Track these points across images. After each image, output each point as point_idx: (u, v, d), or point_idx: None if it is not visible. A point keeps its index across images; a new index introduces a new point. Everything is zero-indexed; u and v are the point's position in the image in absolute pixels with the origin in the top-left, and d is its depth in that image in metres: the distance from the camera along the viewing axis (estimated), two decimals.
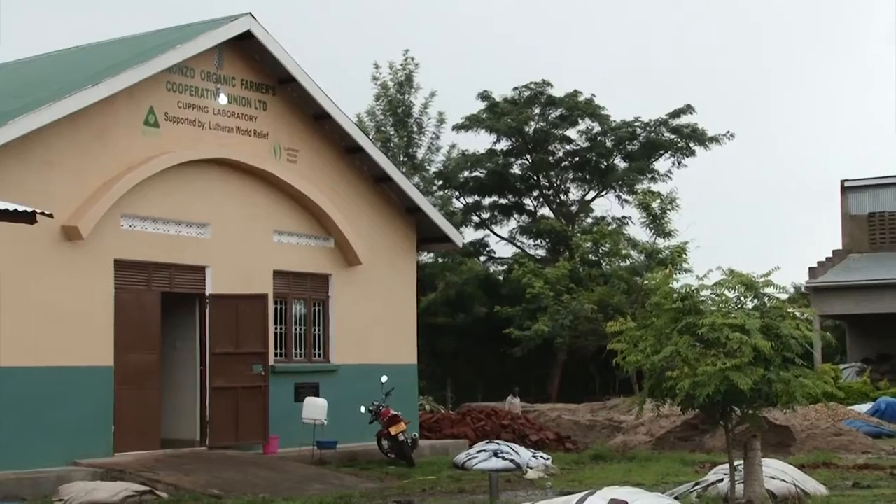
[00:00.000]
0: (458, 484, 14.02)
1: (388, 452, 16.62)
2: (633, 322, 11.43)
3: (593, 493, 9.47)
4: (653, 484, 13.09)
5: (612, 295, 30.98)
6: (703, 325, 10.56)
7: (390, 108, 37.83)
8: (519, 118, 39.93)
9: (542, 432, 20.27)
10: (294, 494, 12.68)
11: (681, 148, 40.69)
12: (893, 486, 12.99)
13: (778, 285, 11.10)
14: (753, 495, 10.55)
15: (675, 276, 12.20)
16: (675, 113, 40.32)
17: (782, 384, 10.45)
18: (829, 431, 19.18)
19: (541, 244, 41.93)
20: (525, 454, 16.32)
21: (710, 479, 11.74)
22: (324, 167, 17.94)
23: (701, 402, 10.48)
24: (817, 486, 11.77)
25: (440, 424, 20.38)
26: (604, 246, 34.54)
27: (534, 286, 32.57)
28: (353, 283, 18.25)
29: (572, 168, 42.25)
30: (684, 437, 19.20)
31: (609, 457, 17.63)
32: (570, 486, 12.99)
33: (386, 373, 17.18)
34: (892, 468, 15.02)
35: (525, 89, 40.88)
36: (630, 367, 11.22)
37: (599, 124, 41.05)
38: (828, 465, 15.61)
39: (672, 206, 32.59)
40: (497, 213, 43.16)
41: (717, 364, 10.26)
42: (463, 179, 41.41)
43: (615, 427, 21.93)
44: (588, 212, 42.51)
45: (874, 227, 41.61)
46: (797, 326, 10.75)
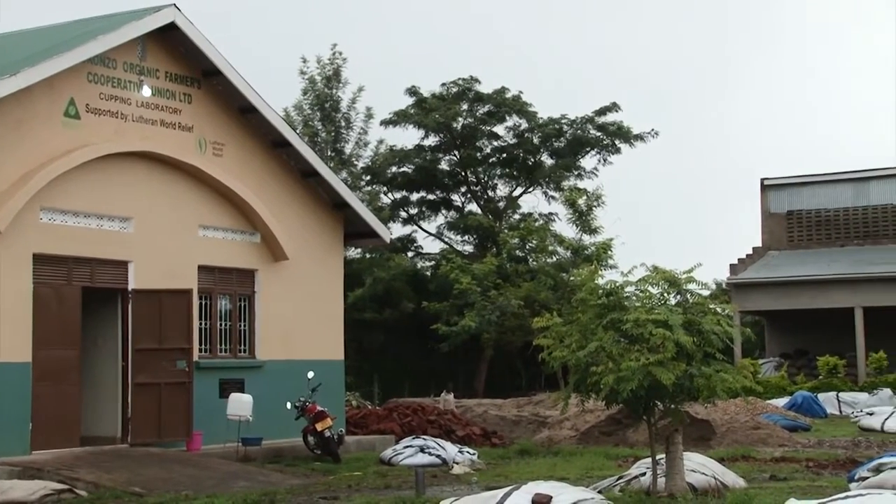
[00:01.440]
0: (384, 480, 14.00)
1: (315, 449, 16.53)
2: (559, 318, 11.53)
3: (518, 488, 9.55)
4: (577, 478, 13.22)
5: (538, 291, 31.23)
6: (627, 320, 10.70)
7: (318, 102, 37.58)
8: (447, 114, 40.00)
9: (469, 428, 20.34)
10: (218, 492, 12.53)
11: (606, 145, 41.19)
12: (808, 478, 13.31)
13: (700, 282, 11.29)
14: (675, 488, 10.73)
15: (600, 273, 12.35)
16: (601, 111, 40.78)
17: (703, 379, 10.63)
18: (747, 425, 19.57)
19: (468, 240, 42.08)
20: (451, 449, 16.36)
21: (632, 472, 11.89)
22: (250, 161, 17.76)
23: (625, 397, 10.61)
24: (736, 479, 12.01)
25: (367, 420, 20.33)
26: (531, 242, 34.81)
27: (461, 282, 32.67)
28: (279, 278, 18.11)
29: (500, 164, 42.47)
30: (608, 432, 19.44)
31: (534, 451, 17.76)
32: (495, 481, 13.06)
33: (312, 368, 17.08)
34: (808, 461, 15.39)
35: (453, 85, 40.96)
36: (556, 362, 11.31)
37: (527, 121, 41.33)
38: (746, 458, 15.93)
39: (598, 202, 32.99)
40: (425, 208, 43.19)
41: (640, 359, 10.40)
42: (391, 175, 41.34)
43: (541, 422, 22.12)
44: (515, 208, 42.79)
45: (792, 224, 42.60)
46: (718, 322, 10.94)
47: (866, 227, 41.32)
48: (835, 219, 41.91)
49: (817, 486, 12.10)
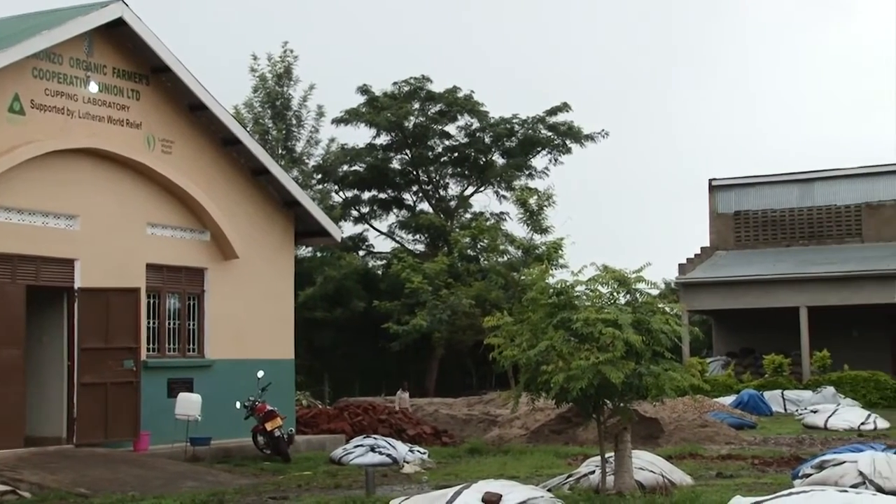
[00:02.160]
0: (334, 479, 13.95)
1: (264, 448, 16.43)
2: (510, 317, 11.56)
3: (468, 487, 9.56)
4: (527, 477, 13.28)
5: (489, 290, 31.33)
6: (577, 319, 10.75)
7: (268, 100, 37.35)
8: (398, 113, 39.98)
9: (420, 427, 20.35)
10: (165, 492, 12.40)
11: (557, 145, 41.44)
12: (754, 475, 13.50)
13: (649, 281, 11.37)
14: (623, 486, 10.81)
15: (550, 272, 12.41)
16: (552, 111, 41.02)
17: (652, 377, 10.72)
18: (695, 423, 19.80)
19: (420, 239, 42.10)
20: (402, 449, 16.35)
21: (582, 471, 11.96)
22: (200, 159, 17.59)
23: (574, 396, 10.67)
24: (683, 477, 12.13)
25: (317, 419, 20.25)
26: (482, 241, 34.91)
27: (412, 281, 32.66)
28: (229, 277, 17.96)
29: (451, 163, 42.54)
30: (558, 430, 19.54)
31: (485, 450, 17.81)
32: (445, 480, 13.07)
33: (262, 368, 16.98)
34: (753, 458, 15.60)
35: (405, 84, 40.95)
36: (506, 361, 11.34)
37: (478, 120, 41.44)
38: (694, 455, 16.11)
39: (548, 202, 33.19)
40: (376, 207, 43.14)
41: (590, 358, 10.46)
42: (342, 173, 41.22)
43: (491, 421, 22.20)
44: (467, 207, 42.88)
45: (740, 224, 43.17)
46: (667, 321, 11.04)
47: (811, 228, 41.99)
48: (781, 219, 42.54)
49: (762, 483, 12.27)
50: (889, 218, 40.62)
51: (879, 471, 10.69)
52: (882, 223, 40.66)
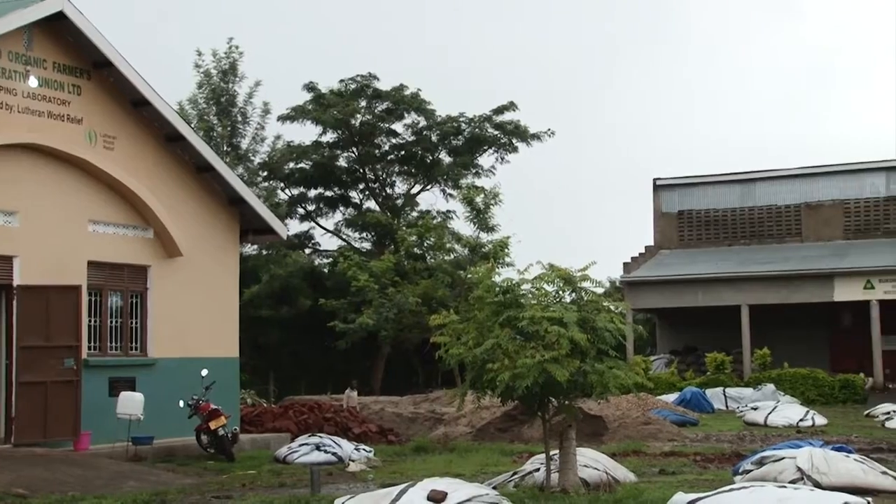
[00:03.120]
0: (278, 478, 13.87)
1: (208, 447, 16.28)
2: (457, 315, 11.57)
3: (414, 485, 9.56)
4: (472, 474, 13.31)
5: (436, 288, 31.35)
6: (523, 318, 10.79)
7: (213, 96, 36.99)
8: (345, 110, 39.83)
9: (365, 425, 20.31)
10: (106, 492, 12.23)
11: (504, 144, 41.58)
12: (696, 472, 13.67)
13: (594, 279, 11.44)
14: (568, 483, 10.88)
15: (497, 270, 12.45)
16: (499, 109, 41.14)
17: (597, 375, 10.79)
18: (639, 421, 19.99)
19: (366, 237, 42.00)
20: (347, 447, 16.31)
21: (527, 468, 12.02)
22: (143, 155, 17.37)
23: (520, 394, 10.71)
24: (627, 474, 12.24)
25: (262, 418, 20.11)
26: (428, 239, 34.92)
27: (359, 279, 32.57)
28: (173, 274, 17.76)
29: (398, 161, 42.49)
30: (504, 428, 19.62)
31: (431, 448, 17.82)
32: (391, 479, 13.06)
33: (206, 366, 16.82)
34: (695, 455, 15.79)
35: (351, 82, 40.82)
36: (453, 359, 11.35)
37: (425, 119, 41.44)
38: (637, 452, 16.26)
39: (495, 200, 33.28)
40: (323, 205, 42.95)
41: (535, 356, 10.50)
42: (288, 171, 40.98)
43: (437, 419, 22.22)
44: (413, 205, 42.87)
45: (683, 224, 43.70)
46: (611, 320, 11.12)
47: (752, 227, 42.63)
48: (723, 219, 43.13)
49: (704, 479, 12.43)
50: (828, 218, 41.38)
51: (817, 466, 10.88)
52: (821, 223, 41.41)
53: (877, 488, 10.69)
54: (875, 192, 40.92)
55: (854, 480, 10.71)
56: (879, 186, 40.91)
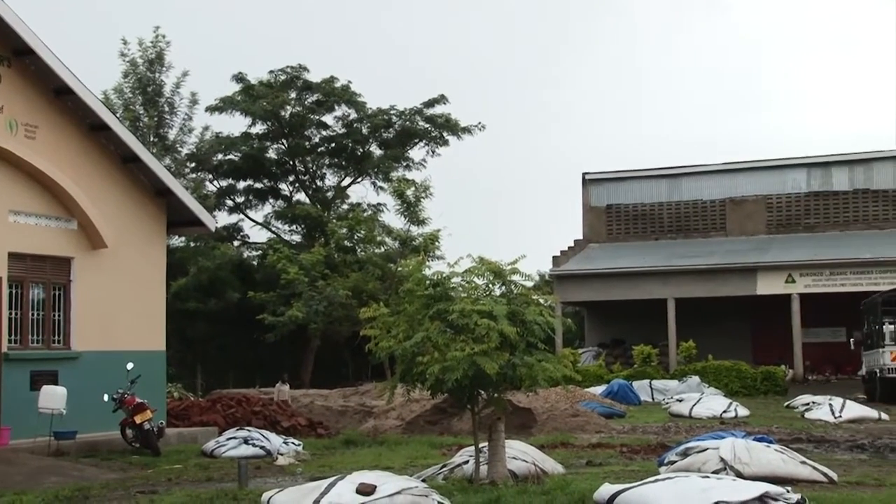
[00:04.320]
0: (205, 472, 13.72)
1: (133, 442, 16.03)
2: (387, 308, 11.55)
3: (343, 478, 9.53)
4: (401, 467, 13.32)
5: (366, 281, 31.30)
6: (453, 311, 10.82)
7: (140, 86, 36.35)
8: (275, 102, 39.53)
9: (294, 418, 20.18)
10: (27, 488, 11.97)
11: (434, 137, 41.64)
12: (622, 463, 13.85)
13: (524, 273, 11.51)
14: (496, 475, 10.94)
15: (427, 264, 12.45)
16: (430, 102, 41.18)
17: (526, 368, 10.86)
18: (567, 413, 20.19)
19: (296, 230, 41.76)
20: (276, 441, 16.20)
21: (456, 461, 12.06)
22: (66, 145, 17.00)
23: (450, 387, 10.73)
24: (555, 465, 12.35)
25: (189, 412, 19.87)
26: (359, 232, 34.84)
27: (288, 272, 32.37)
28: (97, 266, 17.43)
29: (328, 154, 42.30)
30: (433, 421, 19.66)
31: (360, 441, 17.79)
32: (320, 472, 13.01)
33: (132, 359, 16.54)
34: (622, 446, 16.01)
35: (281, 73, 40.51)
36: (382, 352, 11.33)
37: (356, 111, 41.31)
38: (565, 444, 16.42)
39: (426, 194, 33.34)
40: (252, 197, 42.59)
41: (465, 349, 10.53)
42: (217, 162, 40.53)
43: (367, 412, 22.18)
44: (344, 198, 42.72)
45: (611, 218, 44.23)
46: (541, 313, 11.20)
47: (679, 222, 43.32)
48: (650, 213, 43.75)
49: (630, 470, 12.60)
50: (751, 212, 42.23)
51: (739, 457, 11.10)
52: (744, 217, 42.25)
53: (796, 477, 10.95)
54: (796, 187, 41.87)
55: (774, 470, 10.95)
56: (801, 182, 41.86)
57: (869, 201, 40.82)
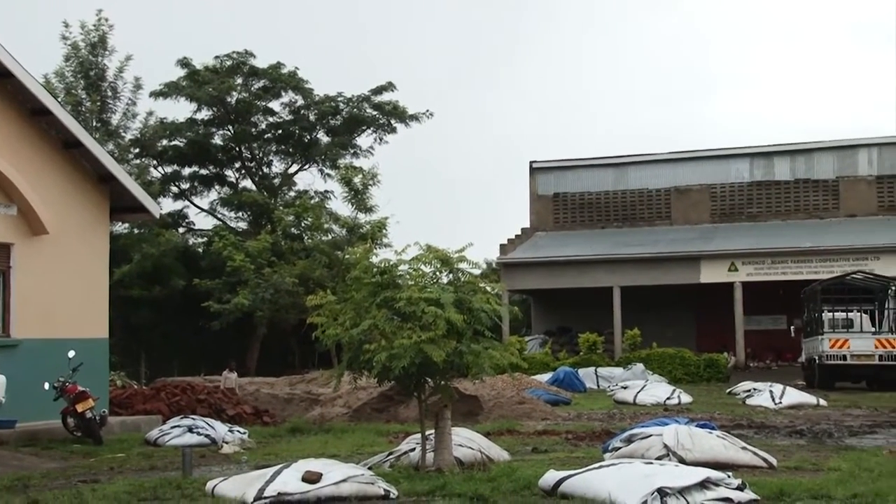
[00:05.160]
0: (149, 461, 13.58)
1: (75, 430, 15.82)
2: (334, 296, 11.51)
3: (288, 466, 9.51)
4: (348, 455, 13.30)
5: (313, 269, 31.18)
6: (400, 298, 10.81)
7: (82, 70, 35.73)
8: (221, 88, 39.14)
9: (240, 406, 20.05)
10: None
11: (382, 124, 41.54)
12: (567, 450, 13.96)
13: (471, 261, 11.53)
14: (443, 463, 10.98)
15: (374, 251, 12.42)
16: (377, 90, 41.05)
17: (473, 356, 10.90)
18: (513, 400, 20.29)
19: (242, 217, 41.46)
20: (221, 429, 16.08)
21: (402, 448, 12.07)
22: (5, 129, 16.66)
23: (397, 374, 10.74)
24: (501, 453, 12.42)
25: (132, 400, 19.64)
26: (306, 220, 34.68)
27: (234, 259, 32.13)
28: (38, 252, 17.13)
29: (275, 141, 42.01)
30: (380, 409, 19.65)
31: (306, 429, 17.73)
32: (265, 460, 12.94)
33: (74, 347, 16.30)
34: (567, 433, 16.13)
35: (227, 58, 40.12)
36: (329, 340, 11.30)
37: (303, 98, 41.07)
38: (511, 432, 16.51)
39: (373, 181, 33.26)
40: (197, 183, 42.17)
41: (412, 337, 10.54)
42: (161, 148, 40.05)
43: (313, 400, 22.10)
44: (291, 185, 42.48)
45: (558, 206, 44.49)
46: (488, 301, 11.24)
47: (625, 210, 43.70)
48: (597, 202, 44.07)
49: (575, 457, 12.70)
50: (696, 202, 42.74)
51: (682, 443, 11.25)
52: (689, 207, 42.75)
53: (737, 463, 11.12)
54: (739, 177, 42.44)
55: (716, 456, 11.12)
56: (744, 172, 42.45)
57: (809, 191, 41.50)
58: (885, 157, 40.70)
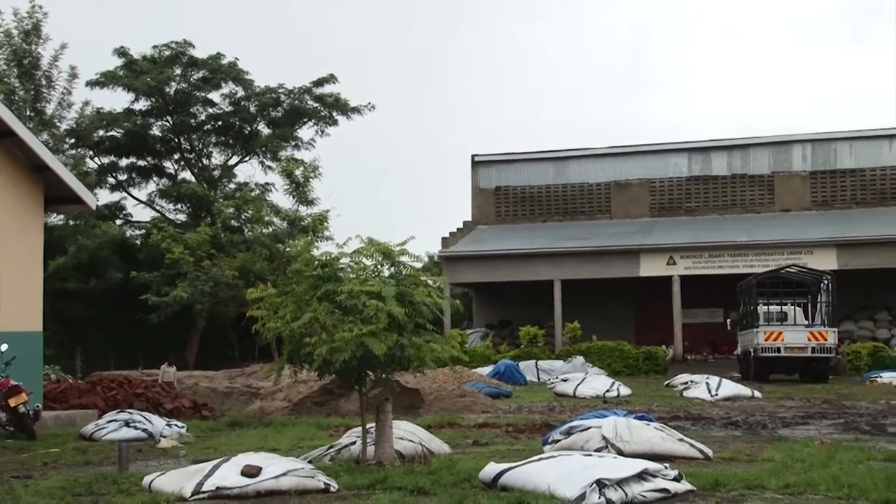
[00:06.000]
0: (84, 456, 13.36)
1: (7, 426, 15.51)
2: (274, 289, 11.42)
3: (227, 460, 9.42)
4: (288, 449, 13.22)
5: (253, 261, 30.95)
6: (341, 292, 10.76)
7: (15, 58, 34.98)
8: (159, 78, 38.63)
9: (178, 400, 19.83)
10: None
11: (324, 117, 41.35)
12: (508, 442, 14.03)
13: (413, 254, 11.50)
14: (383, 456, 10.96)
15: (316, 244, 12.35)
16: (319, 82, 40.84)
17: (414, 349, 10.89)
18: (454, 393, 20.33)
19: (181, 209, 41.00)
20: (159, 423, 15.89)
21: (343, 442, 12.03)
22: None
23: (337, 368, 10.69)
24: (441, 446, 12.44)
25: (67, 395, 19.31)
26: (246, 212, 34.42)
27: (173, 251, 31.76)
28: None
29: (215, 132, 41.61)
30: (321, 402, 19.57)
31: (246, 423, 17.59)
32: (204, 454, 12.81)
33: (6, 341, 15.98)
34: (508, 426, 16.21)
35: (165, 48, 39.63)
36: (270, 333, 11.20)
37: (243, 89, 40.73)
38: (452, 425, 16.55)
39: (315, 174, 33.09)
40: (135, 175, 41.64)
41: (353, 330, 10.50)
42: (98, 139, 39.46)
43: (253, 393, 21.93)
44: (231, 177, 42.11)
45: (500, 200, 44.66)
46: (429, 294, 11.23)
47: (566, 204, 44.01)
48: (538, 195, 44.31)
49: (515, 449, 12.77)
50: (635, 196, 43.19)
51: (620, 435, 11.36)
52: (629, 201, 43.19)
53: (674, 454, 11.26)
54: (678, 172, 42.97)
55: (654, 447, 11.25)
56: (682, 167, 42.98)
57: (746, 186, 42.15)
58: (818, 153, 41.49)
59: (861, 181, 40.82)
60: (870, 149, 40.96)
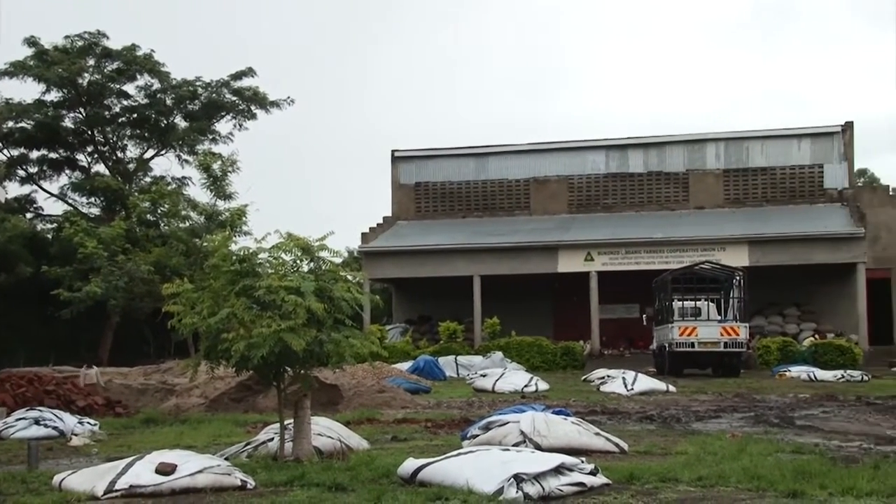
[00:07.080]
0: None
1: None
2: (191, 284, 11.28)
3: (141, 458, 9.29)
4: (204, 446, 13.06)
5: (170, 256, 30.44)
6: (259, 287, 10.67)
7: None
8: (71, 69, 37.80)
9: (91, 398, 19.43)
10: None
11: (242, 110, 40.92)
12: (427, 438, 14.07)
13: (332, 249, 11.45)
14: (301, 452, 10.91)
15: (233, 239, 12.21)
16: (237, 75, 40.40)
17: (333, 345, 10.86)
18: (373, 389, 20.31)
19: (95, 202, 40.21)
20: (70, 420, 15.57)
21: (261, 438, 11.94)
22: None
23: (256, 364, 10.60)
24: (360, 441, 12.42)
25: None
26: (162, 206, 33.82)
27: (86, 246, 31.08)
28: None
29: (130, 125, 40.88)
30: (238, 398, 19.37)
31: (161, 420, 17.33)
32: (117, 452, 12.59)
33: None
34: (427, 421, 16.25)
35: (78, 38, 38.79)
36: (186, 329, 11.07)
37: (159, 81, 40.08)
38: (371, 420, 16.53)
39: (232, 168, 32.67)
40: (46, 167, 40.70)
41: (272, 326, 10.42)
42: (7, 130, 38.48)
43: (168, 390, 21.60)
44: (147, 171, 41.43)
45: (420, 195, 44.70)
46: (349, 289, 11.20)
47: (485, 200, 44.24)
48: (458, 191, 44.47)
49: (434, 445, 12.80)
50: (554, 192, 43.62)
51: (538, 430, 11.47)
52: (548, 197, 43.60)
53: (591, 448, 11.42)
54: (596, 168, 43.52)
55: (571, 442, 11.39)
56: (600, 164, 43.54)
57: (661, 183, 42.87)
58: (731, 152, 42.39)
59: (772, 179, 41.83)
60: (780, 148, 41.98)
